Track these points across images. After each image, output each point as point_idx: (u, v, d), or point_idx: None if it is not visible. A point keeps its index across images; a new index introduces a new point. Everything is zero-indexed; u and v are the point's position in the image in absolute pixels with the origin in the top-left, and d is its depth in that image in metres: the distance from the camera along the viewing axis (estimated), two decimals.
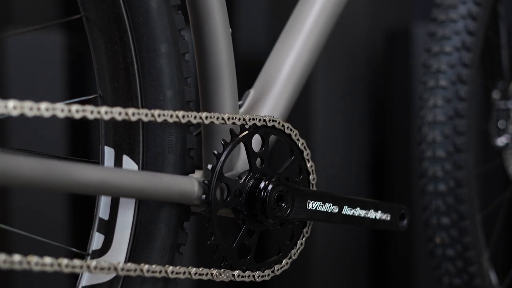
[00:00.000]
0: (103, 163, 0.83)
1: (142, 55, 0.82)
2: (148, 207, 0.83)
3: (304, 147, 0.93)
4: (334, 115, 1.93)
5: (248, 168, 0.89)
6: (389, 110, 2.02)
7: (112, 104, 0.82)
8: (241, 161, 0.92)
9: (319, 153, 1.89)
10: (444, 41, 1.24)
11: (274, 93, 0.98)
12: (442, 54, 1.24)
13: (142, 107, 0.82)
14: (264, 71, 1.00)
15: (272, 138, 0.92)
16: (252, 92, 0.99)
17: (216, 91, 0.89)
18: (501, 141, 1.44)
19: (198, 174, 0.90)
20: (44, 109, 0.70)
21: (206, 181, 0.84)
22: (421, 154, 1.25)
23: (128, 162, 0.83)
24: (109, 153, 0.83)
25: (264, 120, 0.89)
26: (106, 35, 0.82)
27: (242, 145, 0.88)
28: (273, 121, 0.90)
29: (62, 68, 1.83)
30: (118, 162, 0.83)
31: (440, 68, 1.24)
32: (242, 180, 0.88)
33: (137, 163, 0.83)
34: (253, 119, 0.88)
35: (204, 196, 0.84)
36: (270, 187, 0.88)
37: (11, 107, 0.68)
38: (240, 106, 0.98)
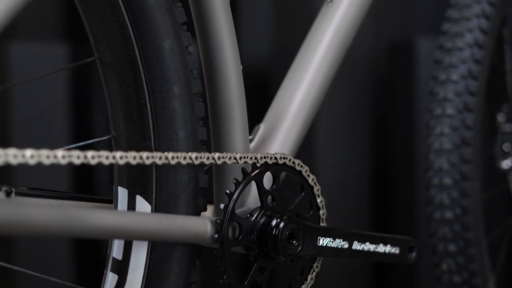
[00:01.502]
0: (116, 203, 0.84)
1: (155, 96, 0.83)
2: (161, 247, 0.83)
3: (314, 183, 0.94)
4: (336, 128, 1.93)
5: (259, 204, 0.90)
6: (392, 123, 2.03)
7: (126, 145, 0.83)
8: (252, 196, 0.92)
9: (321, 166, 1.90)
10: (450, 69, 1.25)
11: (284, 129, 0.99)
12: (449, 82, 1.25)
13: (156, 148, 0.83)
14: (274, 106, 1.01)
15: (283, 174, 0.93)
16: (262, 127, 1.00)
17: (228, 129, 0.89)
18: (506, 164, 1.45)
19: (209, 209, 0.91)
20: (61, 156, 0.71)
21: (218, 221, 0.85)
22: (428, 181, 1.26)
23: (141, 203, 0.83)
24: (122, 193, 0.84)
25: (275, 158, 0.90)
26: (119, 77, 0.82)
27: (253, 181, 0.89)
28: (284, 158, 0.91)
29: (66, 80, 1.83)
30: (131, 202, 0.84)
31: (447, 96, 1.25)
32: (254, 218, 0.89)
33: (150, 203, 0.84)
34: (265, 157, 0.89)
35: (216, 236, 0.85)
36: (281, 225, 0.89)
37: (29, 156, 0.69)
38: (250, 141, 0.99)
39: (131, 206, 0.84)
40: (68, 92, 1.83)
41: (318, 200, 0.94)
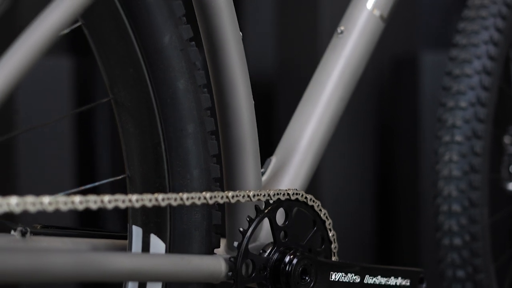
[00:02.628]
0: (131, 241, 0.85)
1: (169, 136, 0.83)
2: (175, 286, 0.84)
3: (326, 217, 0.95)
4: (339, 143, 1.93)
5: (271, 239, 0.90)
6: (395, 137, 2.03)
7: (141, 184, 0.84)
8: (264, 231, 0.93)
9: (324, 180, 1.90)
10: (459, 96, 1.26)
11: (295, 163, 0.99)
12: (457, 109, 1.25)
13: (170, 187, 0.84)
14: (285, 138, 1.02)
15: (295, 209, 0.93)
16: (273, 160, 1.00)
17: (240, 165, 0.90)
18: None
19: (222, 244, 0.91)
20: (78, 202, 0.72)
21: (232, 259, 0.85)
22: (436, 208, 1.27)
23: (155, 241, 0.84)
24: (136, 232, 0.84)
25: (288, 194, 0.90)
26: (134, 117, 0.83)
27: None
28: (296, 194, 0.91)
29: (70, 93, 1.84)
30: (145, 241, 0.84)
31: (455, 123, 1.25)
32: (267, 254, 0.89)
33: (165, 242, 0.84)
34: (277, 193, 0.89)
35: (230, 273, 0.85)
36: (294, 261, 0.89)
37: (47, 203, 0.70)
38: (262, 173, 0.99)
39: (146, 244, 0.84)
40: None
41: (330, 234, 0.95)
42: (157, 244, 0.84)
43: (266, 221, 0.91)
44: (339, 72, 1.04)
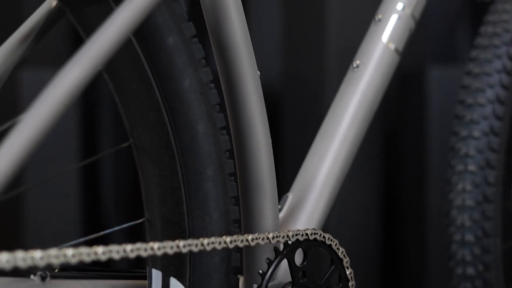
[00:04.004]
0: (150, 283, 0.85)
1: (189, 179, 0.83)
2: None
3: (344, 255, 0.94)
4: None
5: (289, 278, 0.90)
6: (402, 153, 2.03)
7: (160, 228, 0.84)
8: (282, 270, 0.93)
9: None
10: (472, 125, 1.26)
11: (311, 200, 0.99)
12: (471, 139, 1.25)
13: (189, 230, 0.84)
14: (301, 175, 1.02)
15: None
16: (290, 197, 1.00)
17: (258, 205, 0.90)
18: None
19: (240, 283, 0.91)
20: (101, 253, 0.72)
21: None
22: (449, 237, 1.27)
23: (175, 284, 0.84)
24: (156, 275, 0.84)
25: (306, 234, 0.90)
26: (154, 161, 0.83)
27: None
28: (315, 234, 0.91)
29: (77, 104, 1.84)
30: (165, 284, 0.84)
31: (469, 152, 1.25)
32: None
33: (184, 284, 0.84)
34: (296, 234, 0.89)
35: None
36: None
37: (70, 255, 0.69)
38: (279, 210, 0.99)
39: (165, 287, 0.84)
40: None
41: (347, 272, 0.95)
42: (177, 287, 0.84)
43: (284, 261, 0.91)
44: (355, 106, 1.04)
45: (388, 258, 2.02)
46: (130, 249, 0.74)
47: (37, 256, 0.67)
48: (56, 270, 0.85)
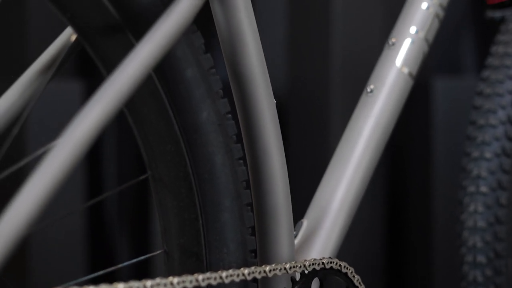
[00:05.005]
0: None
1: (206, 210, 0.83)
2: None
3: (359, 283, 0.94)
4: None
5: None
6: (407, 163, 2.03)
7: (178, 259, 0.84)
8: None
9: None
10: (484, 146, 1.26)
11: (326, 227, 0.99)
12: (482, 160, 1.25)
13: (207, 261, 0.84)
14: (316, 201, 1.01)
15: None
16: (305, 224, 1.00)
17: (274, 234, 0.89)
18: None
19: None
20: None
21: None
22: (461, 258, 1.27)
23: None
24: None
25: (323, 263, 0.90)
26: (172, 193, 0.83)
27: None
28: (331, 262, 0.91)
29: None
30: None
31: (481, 174, 1.25)
32: None
33: None
34: (312, 264, 0.89)
35: None
36: None
37: None
38: (294, 236, 0.99)
39: None
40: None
41: None
42: None
43: None
44: (369, 132, 1.04)
45: (393, 267, 2.02)
46: (150, 285, 0.74)
47: None
48: None
